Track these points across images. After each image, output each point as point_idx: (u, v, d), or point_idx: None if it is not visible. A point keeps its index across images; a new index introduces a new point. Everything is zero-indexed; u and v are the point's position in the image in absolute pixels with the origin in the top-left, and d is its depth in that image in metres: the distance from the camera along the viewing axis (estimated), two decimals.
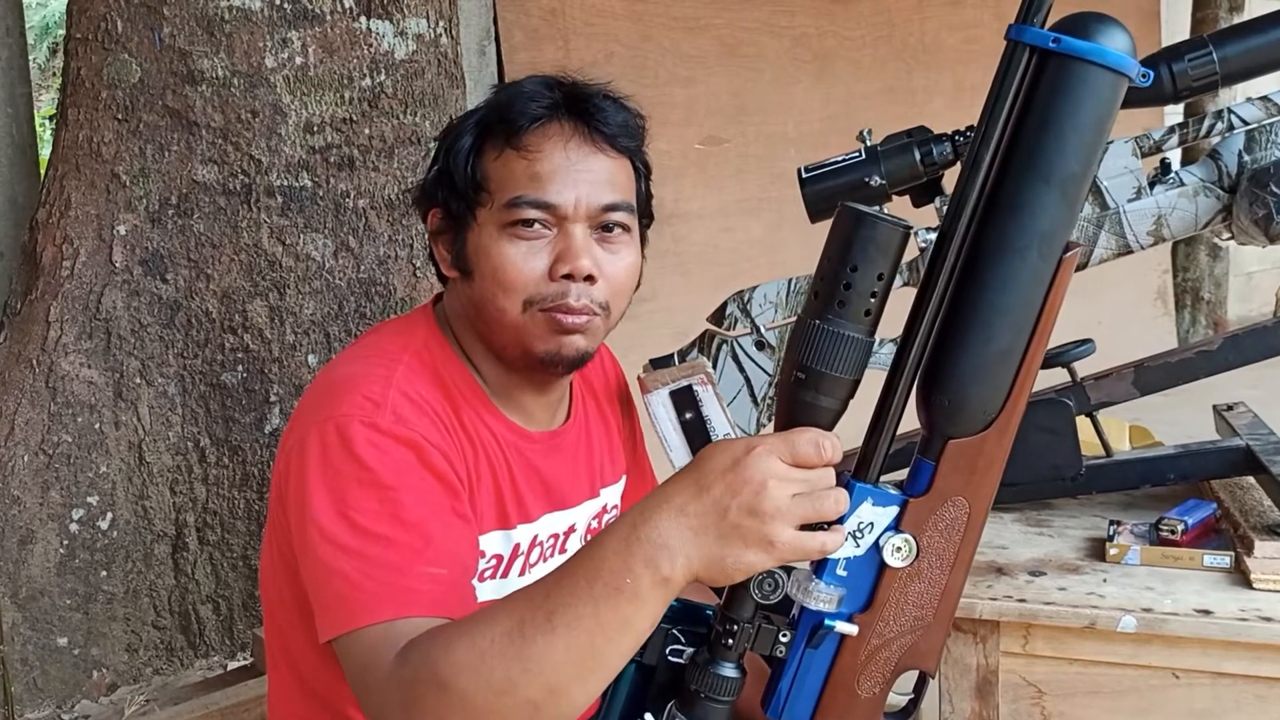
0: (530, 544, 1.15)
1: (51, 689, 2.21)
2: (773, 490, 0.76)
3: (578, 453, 1.21)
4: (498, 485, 1.10)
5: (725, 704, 0.84)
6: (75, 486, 2.22)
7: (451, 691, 0.79)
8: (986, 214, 0.80)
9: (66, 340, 2.22)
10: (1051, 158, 0.79)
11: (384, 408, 0.99)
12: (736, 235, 3.70)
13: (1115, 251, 1.40)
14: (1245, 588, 1.25)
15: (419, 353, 1.08)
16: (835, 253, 0.77)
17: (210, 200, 2.24)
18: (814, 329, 0.77)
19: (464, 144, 1.09)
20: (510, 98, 1.09)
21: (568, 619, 0.78)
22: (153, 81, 2.21)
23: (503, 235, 1.06)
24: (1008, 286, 0.80)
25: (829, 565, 0.82)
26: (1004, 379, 0.81)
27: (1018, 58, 0.79)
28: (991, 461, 0.83)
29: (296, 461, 0.99)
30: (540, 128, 1.07)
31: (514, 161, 1.07)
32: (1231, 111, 1.39)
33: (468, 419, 1.08)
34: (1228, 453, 1.45)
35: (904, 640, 0.85)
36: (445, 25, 2.39)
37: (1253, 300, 5.78)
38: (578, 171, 1.07)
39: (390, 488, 0.95)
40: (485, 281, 1.07)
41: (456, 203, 1.08)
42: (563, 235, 1.07)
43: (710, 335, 1.50)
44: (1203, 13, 4.82)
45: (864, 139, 1.39)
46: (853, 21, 3.99)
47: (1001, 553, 1.38)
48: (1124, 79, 0.79)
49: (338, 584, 0.93)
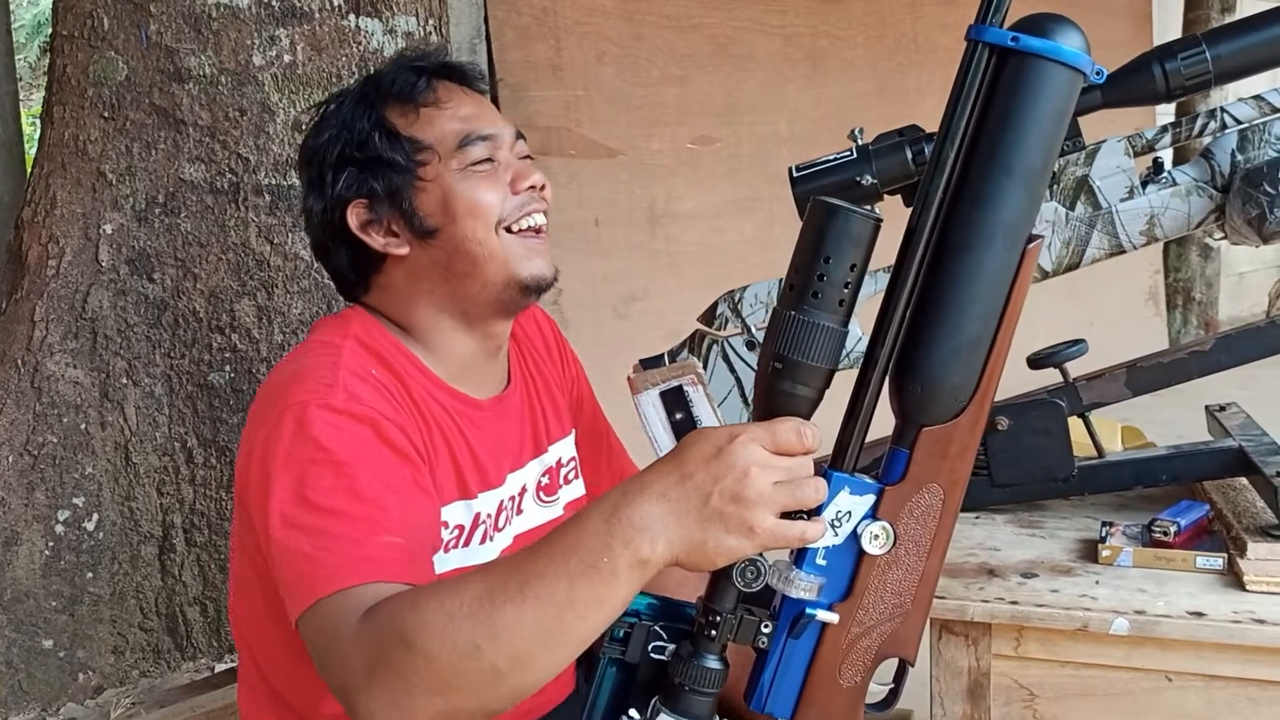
0: (497, 509, 1.17)
1: (37, 691, 2.20)
2: (754, 477, 0.77)
3: (522, 413, 1.24)
4: (454, 456, 1.13)
5: (709, 695, 0.84)
6: (61, 487, 2.20)
7: (416, 651, 0.79)
8: (952, 208, 0.83)
9: (52, 340, 2.20)
10: (1013, 151, 0.81)
11: (336, 388, 1.02)
12: (728, 235, 3.69)
13: (1108, 251, 1.39)
14: (1238, 590, 1.24)
15: (358, 338, 1.11)
16: (808, 245, 0.80)
17: (198, 199, 2.22)
18: (789, 319, 0.79)
19: (373, 129, 1.13)
20: (385, 76, 1.16)
21: (540, 591, 0.78)
22: (139, 79, 2.19)
23: (465, 175, 1.12)
24: (975, 277, 0.82)
25: (809, 555, 0.83)
26: (974, 366, 0.84)
27: (978, 57, 0.82)
28: (964, 447, 0.85)
29: (257, 460, 1.01)
30: (436, 84, 1.15)
31: (435, 115, 1.14)
32: (1225, 111, 1.38)
33: (417, 394, 1.11)
34: (1220, 454, 1.44)
35: (884, 628, 0.86)
36: (435, 23, 2.37)
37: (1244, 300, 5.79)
38: (485, 110, 1.17)
39: (346, 464, 0.97)
40: (461, 221, 1.12)
41: (397, 176, 1.12)
42: (503, 165, 1.15)
43: (701, 335, 1.49)
44: (1194, 13, 4.83)
45: (856, 138, 1.38)
46: (845, 21, 3.99)
47: (994, 554, 1.37)
48: (1079, 75, 0.83)
49: (298, 563, 0.94)
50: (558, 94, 3.38)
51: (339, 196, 1.13)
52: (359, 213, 1.13)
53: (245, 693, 1.18)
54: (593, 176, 3.45)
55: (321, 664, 0.90)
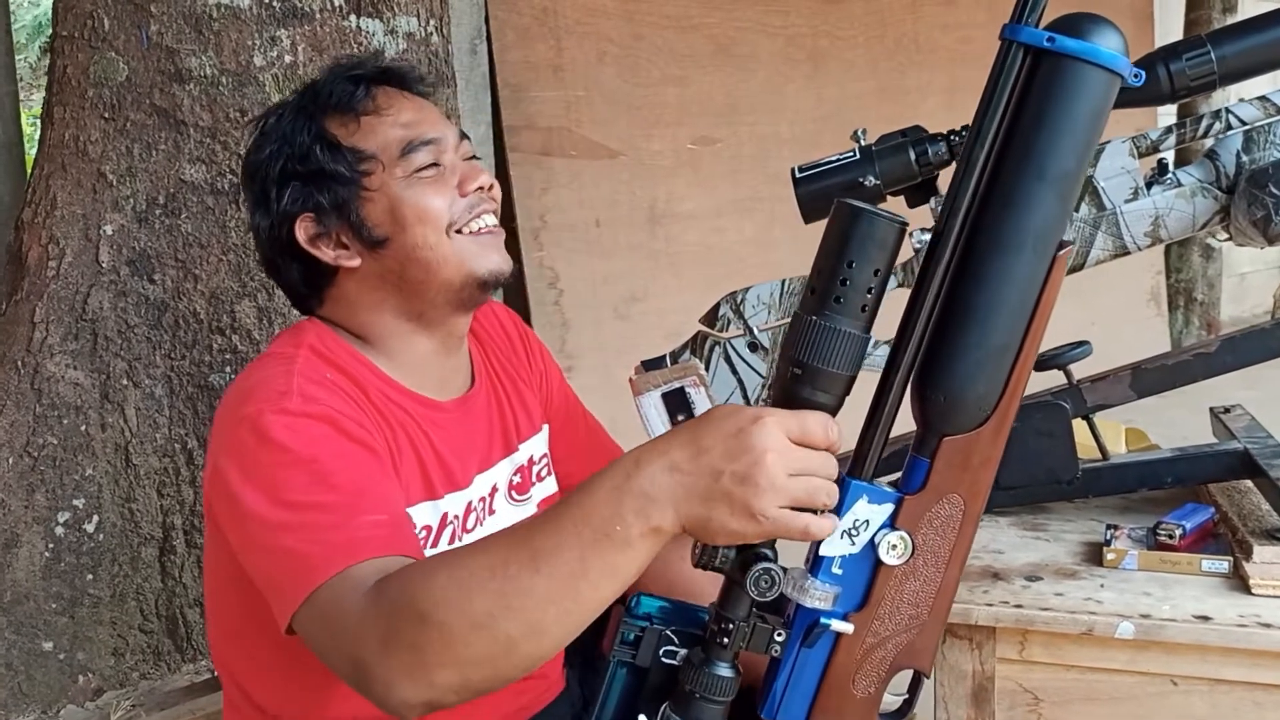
0: (465, 511, 1.16)
1: (37, 694, 2.19)
2: (770, 463, 0.76)
3: (490, 413, 1.24)
4: (419, 457, 1.12)
5: (721, 704, 0.83)
6: (61, 489, 2.19)
7: (430, 623, 0.79)
8: (981, 211, 0.81)
9: (52, 341, 2.20)
10: (1046, 155, 0.79)
11: (290, 394, 1.02)
12: (729, 236, 3.69)
13: (1112, 253, 1.39)
14: (1244, 593, 1.23)
15: (313, 347, 1.11)
16: (832, 248, 0.78)
17: (198, 200, 2.22)
18: (810, 325, 0.78)
19: (313, 141, 1.11)
20: (323, 86, 1.14)
21: (553, 561, 0.78)
22: (140, 80, 2.19)
23: (411, 182, 1.11)
24: (1003, 283, 0.80)
25: (824, 563, 0.82)
26: (999, 375, 0.82)
27: (1012, 57, 0.80)
28: (987, 458, 0.83)
29: (221, 472, 1.01)
30: (376, 91, 1.14)
31: (376, 124, 1.12)
32: (1230, 111, 1.37)
33: (376, 398, 1.11)
34: (1225, 456, 1.43)
35: (899, 639, 0.85)
36: (436, 24, 2.37)
37: (1245, 301, 5.78)
38: (427, 113, 1.16)
39: (313, 459, 0.97)
40: (411, 228, 1.11)
41: (342, 189, 1.11)
42: (449, 168, 1.14)
43: (703, 336, 1.48)
44: (1195, 14, 4.83)
45: (858, 139, 1.37)
46: (845, 21, 3.98)
47: (998, 558, 1.37)
48: (1117, 78, 0.80)
49: (287, 561, 0.94)
50: (558, 94, 3.37)
51: (285, 212, 1.12)
52: (307, 227, 1.12)
53: (228, 710, 1.18)
54: (593, 177, 3.45)
55: (327, 649, 0.90)
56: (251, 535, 0.97)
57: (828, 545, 0.82)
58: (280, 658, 0.98)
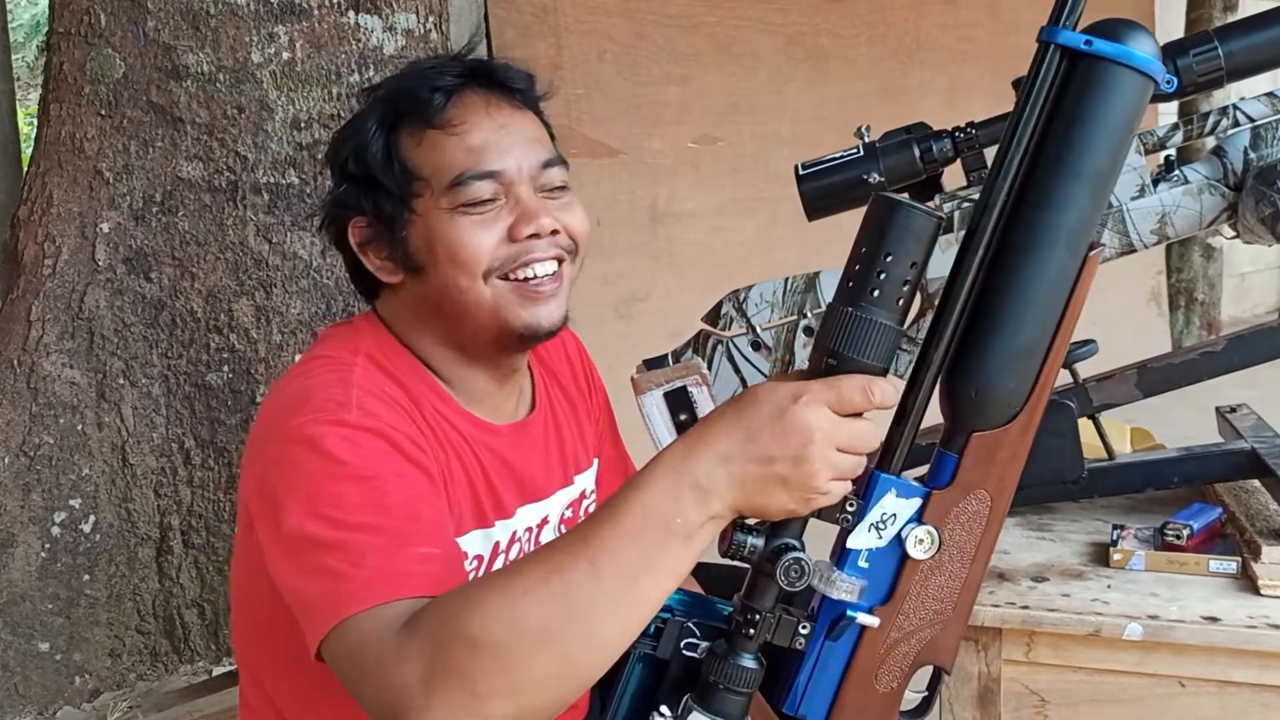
0: (510, 540, 1.12)
1: (33, 695, 2.18)
2: (819, 441, 0.76)
3: (547, 442, 1.18)
4: (471, 483, 1.07)
5: (744, 695, 0.83)
6: (57, 489, 2.18)
7: (483, 647, 0.74)
8: (1016, 209, 0.82)
9: (48, 340, 2.18)
10: (1082, 154, 0.81)
11: (349, 405, 0.96)
12: (730, 235, 3.67)
13: (1119, 250, 1.37)
14: (1253, 594, 1.22)
15: (371, 354, 1.04)
16: (870, 240, 0.79)
17: (195, 198, 2.20)
18: (847, 316, 0.78)
19: (375, 143, 1.04)
20: (412, 81, 1.06)
21: (613, 562, 0.76)
22: (136, 77, 2.18)
23: (454, 216, 1.02)
24: (1036, 280, 0.81)
25: (850, 556, 0.82)
26: (1029, 372, 0.82)
27: (1049, 59, 0.81)
28: (1014, 455, 0.84)
29: (267, 481, 0.94)
30: (458, 100, 1.04)
31: (442, 141, 1.03)
32: (1237, 108, 1.36)
33: (431, 417, 1.05)
34: (1232, 455, 1.42)
35: (923, 634, 0.85)
36: (435, 21, 2.35)
37: (1246, 301, 5.78)
38: (508, 134, 1.05)
39: (369, 478, 0.91)
40: (442, 268, 1.03)
41: (388, 202, 1.04)
42: (512, 201, 1.04)
43: (705, 335, 1.46)
44: (1196, 13, 4.81)
45: (862, 135, 1.36)
46: (847, 20, 3.96)
47: (1003, 558, 1.35)
48: (1150, 81, 0.82)
49: (325, 581, 0.87)
50: (558, 93, 3.35)
51: (341, 207, 1.07)
52: (357, 231, 1.07)
53: (246, 715, 1.13)
54: (594, 176, 3.43)
55: (358, 688, 0.83)
56: (289, 548, 0.90)
57: (854, 538, 0.82)
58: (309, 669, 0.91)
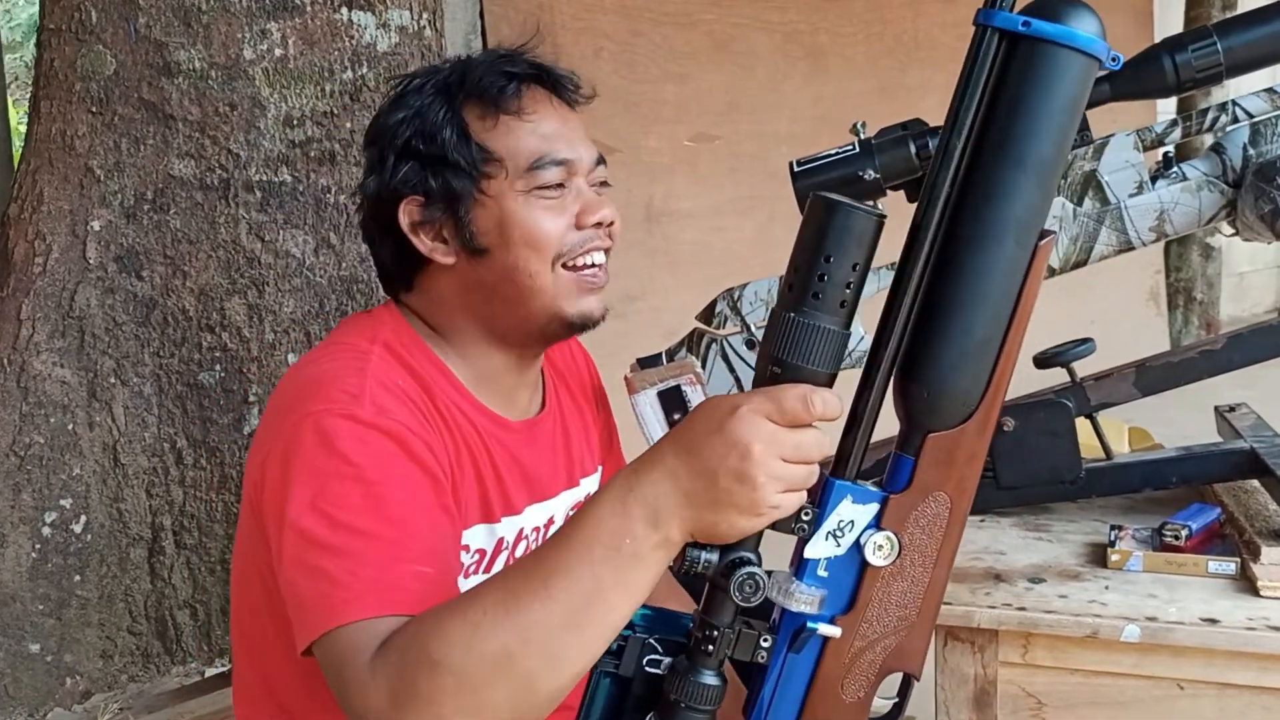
0: (516, 538, 1.12)
1: (23, 696, 2.16)
2: (759, 456, 0.74)
3: (555, 442, 1.19)
4: (480, 476, 1.08)
5: (706, 713, 0.81)
6: (48, 489, 2.16)
7: (444, 670, 0.76)
8: (960, 202, 0.79)
9: (39, 339, 2.17)
10: (1025, 142, 0.78)
11: (363, 399, 0.96)
12: (727, 234, 3.66)
13: (1116, 248, 1.36)
14: (1252, 595, 1.21)
15: (388, 343, 1.05)
16: (808, 243, 0.76)
17: (187, 195, 2.19)
18: (789, 321, 0.76)
19: (447, 125, 1.06)
20: (475, 68, 1.08)
21: (565, 583, 0.76)
22: (128, 73, 2.16)
23: (530, 199, 1.06)
24: (985, 275, 0.78)
25: (809, 566, 0.80)
26: (983, 369, 0.80)
27: (987, 42, 0.78)
28: (972, 454, 0.81)
29: (274, 467, 0.95)
30: (528, 91, 1.08)
31: (516, 126, 1.06)
32: (1236, 104, 1.35)
33: (445, 408, 1.06)
34: (1231, 455, 1.41)
35: (888, 641, 0.83)
36: (429, 18, 2.34)
37: (1245, 300, 5.76)
38: (570, 128, 1.09)
39: (375, 482, 0.92)
40: (515, 249, 1.05)
41: (459, 181, 1.05)
42: (574, 192, 1.08)
43: (699, 334, 1.45)
44: (1195, 11, 4.81)
45: (858, 132, 1.34)
46: (845, 18, 3.95)
47: (1000, 559, 1.34)
48: (1094, 62, 0.78)
49: (319, 584, 0.88)
50: None
51: (395, 188, 1.07)
52: (411, 210, 1.07)
53: (244, 704, 1.13)
54: None
55: (339, 695, 0.85)
56: (289, 544, 0.91)
57: (812, 547, 0.80)
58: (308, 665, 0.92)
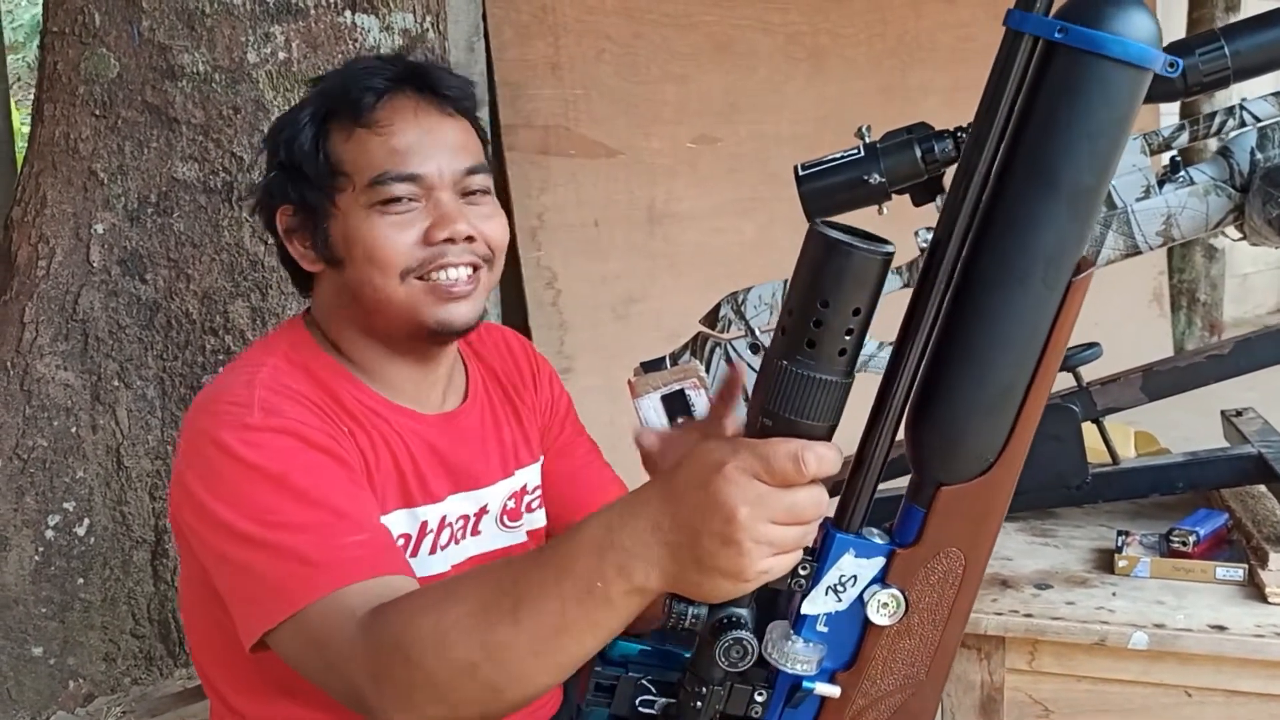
0: (439, 524, 1.13)
1: (26, 699, 2.16)
2: (744, 520, 0.67)
3: (485, 433, 1.19)
4: (397, 464, 1.09)
5: None
6: (51, 492, 2.16)
7: (416, 665, 0.79)
8: (982, 232, 0.69)
9: (42, 342, 2.17)
10: (1058, 168, 0.67)
11: (251, 407, 0.98)
12: (728, 236, 3.66)
13: (1123, 252, 1.35)
14: (1260, 602, 1.21)
15: (286, 355, 1.07)
16: (804, 284, 0.66)
17: (190, 199, 2.18)
18: (781, 371, 0.67)
19: (305, 134, 1.06)
20: (347, 79, 1.08)
21: (533, 612, 0.75)
22: (131, 76, 2.16)
23: (371, 215, 1.04)
24: (1006, 317, 0.68)
25: (808, 621, 0.74)
26: (1003, 420, 0.70)
27: (1018, 50, 0.67)
28: (989, 511, 0.73)
29: (187, 488, 0.98)
30: (388, 101, 1.05)
31: (368, 140, 1.05)
32: (1244, 108, 1.34)
33: (352, 405, 1.07)
34: (1239, 460, 1.40)
35: (893, 699, 0.77)
36: (433, 20, 2.33)
37: (1248, 302, 5.76)
38: (433, 139, 1.06)
39: (281, 475, 0.94)
40: (359, 265, 1.05)
41: (312, 194, 1.05)
42: (432, 205, 1.06)
43: (703, 338, 1.45)
44: (1198, 13, 4.80)
45: (863, 135, 1.34)
46: (846, 19, 3.95)
47: (1006, 564, 1.33)
48: (1145, 73, 0.66)
49: (263, 579, 0.91)
50: (556, 92, 3.34)
51: (269, 196, 1.09)
52: (285, 219, 1.09)
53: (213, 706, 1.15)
54: (591, 176, 3.41)
55: (317, 670, 0.89)
56: (223, 552, 0.94)
57: (810, 603, 0.73)
58: (258, 670, 0.95)
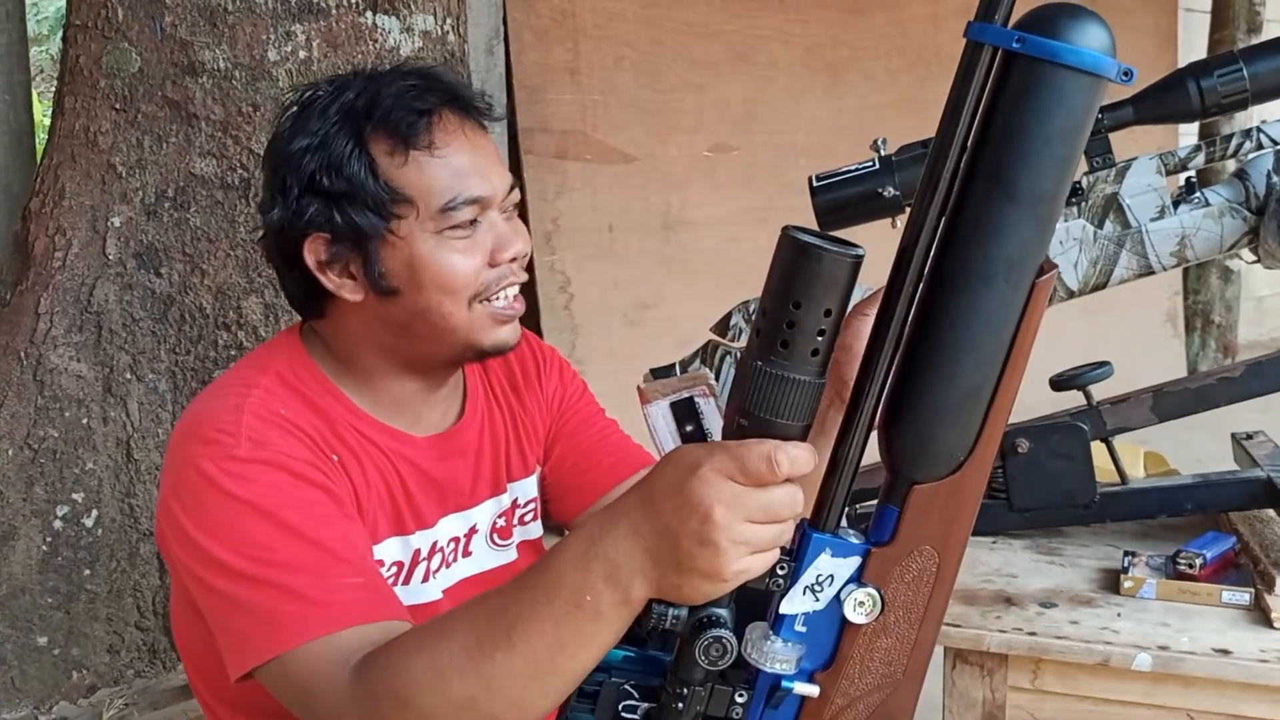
0: (431, 550, 1.11)
1: (30, 689, 2.17)
2: (720, 519, 0.69)
3: (480, 450, 1.17)
4: (390, 491, 1.07)
5: None
6: (60, 483, 2.17)
7: (412, 707, 0.78)
8: (948, 238, 0.71)
9: (56, 333, 2.18)
10: (1018, 175, 0.69)
11: (239, 436, 0.95)
12: (742, 244, 3.66)
13: (1136, 272, 1.35)
14: (1265, 627, 1.20)
15: (280, 375, 1.03)
16: (776, 288, 0.69)
17: (208, 194, 2.19)
18: (755, 371, 0.70)
19: (352, 159, 0.99)
20: (384, 97, 1.01)
21: (527, 635, 0.75)
22: (152, 71, 2.17)
23: (442, 240, 1.01)
24: (972, 320, 0.71)
25: (787, 621, 0.75)
26: (972, 419, 0.73)
27: (978, 60, 0.69)
28: (961, 509, 0.75)
29: (173, 515, 0.96)
30: (437, 122, 1.02)
31: (426, 163, 1.01)
32: (1261, 130, 1.34)
33: (344, 432, 1.05)
34: (1248, 484, 1.40)
35: (872, 698, 0.78)
36: (453, 23, 2.34)
37: (1263, 324, 5.72)
38: (483, 158, 1.04)
39: (271, 511, 0.92)
40: (427, 292, 1.01)
41: (366, 221, 0.99)
42: (486, 225, 1.04)
43: (714, 346, 1.45)
44: (1220, 34, 4.78)
45: (878, 148, 1.34)
46: (866, 32, 3.95)
47: (1011, 582, 1.33)
48: (1101, 81, 0.68)
49: (252, 615, 0.90)
50: (574, 97, 3.35)
51: (300, 223, 1.00)
52: (317, 249, 1.01)
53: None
54: (607, 182, 3.42)
55: (297, 709, 0.88)
56: (212, 585, 0.92)
57: (788, 603, 0.75)
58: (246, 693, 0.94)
